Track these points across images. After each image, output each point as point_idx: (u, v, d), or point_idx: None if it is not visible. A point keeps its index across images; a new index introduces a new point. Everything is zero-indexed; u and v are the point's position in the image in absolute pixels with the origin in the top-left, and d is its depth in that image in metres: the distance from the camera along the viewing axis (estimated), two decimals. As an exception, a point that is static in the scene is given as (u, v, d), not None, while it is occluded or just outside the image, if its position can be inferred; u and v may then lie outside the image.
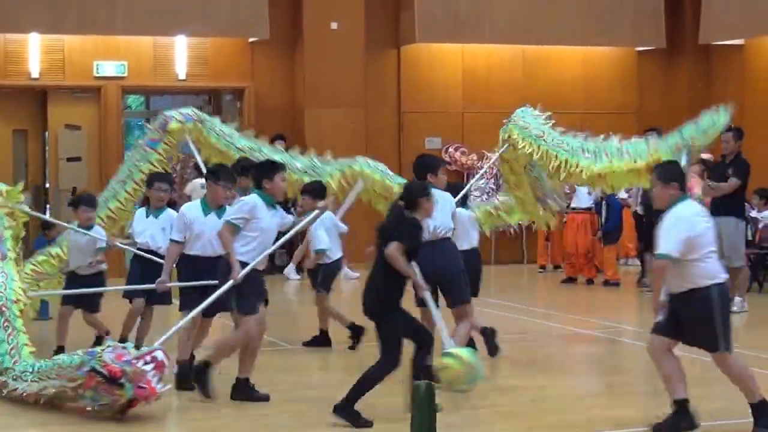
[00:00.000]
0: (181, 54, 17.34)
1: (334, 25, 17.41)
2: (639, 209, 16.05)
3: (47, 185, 17.56)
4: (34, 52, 16.72)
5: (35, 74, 16.78)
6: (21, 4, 16.07)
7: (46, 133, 17.60)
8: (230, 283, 7.92)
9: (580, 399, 8.60)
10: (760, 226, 15.53)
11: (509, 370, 9.68)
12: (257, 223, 8.03)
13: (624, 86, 19.55)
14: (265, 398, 8.12)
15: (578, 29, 18.59)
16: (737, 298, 12.95)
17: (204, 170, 10.20)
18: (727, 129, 13.07)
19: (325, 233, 10.37)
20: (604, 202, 16.05)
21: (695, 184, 12.83)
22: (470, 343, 9.17)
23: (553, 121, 11.04)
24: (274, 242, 8.30)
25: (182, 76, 17.39)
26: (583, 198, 16.22)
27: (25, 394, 7.90)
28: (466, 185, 11.11)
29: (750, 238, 14.98)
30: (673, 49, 19.42)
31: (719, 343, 7.14)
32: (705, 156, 16.91)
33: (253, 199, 8.10)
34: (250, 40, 17.53)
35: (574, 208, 16.26)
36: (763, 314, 13.10)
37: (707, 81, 19.59)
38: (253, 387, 8.15)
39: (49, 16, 16.23)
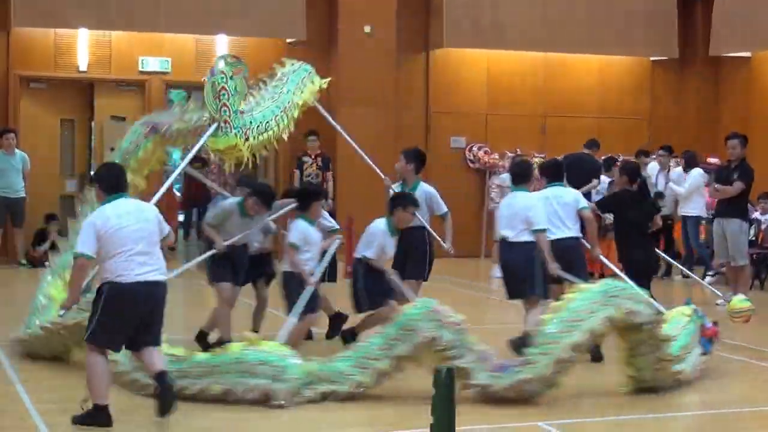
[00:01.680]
0: (221, 52, 17.36)
1: (367, 29, 17.43)
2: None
3: (92, 173, 17.64)
4: (83, 47, 16.81)
5: (83, 67, 16.87)
6: (71, 2, 16.16)
7: (92, 124, 17.66)
8: None
9: (591, 386, 8.59)
10: (763, 227, 15.49)
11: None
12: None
13: (637, 93, 19.50)
14: None
15: (596, 39, 18.57)
16: (740, 294, 12.92)
17: None
18: (734, 136, 13.07)
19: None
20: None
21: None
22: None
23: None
24: None
25: (222, 73, 17.41)
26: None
27: None
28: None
29: (753, 238, 14.95)
30: (684, 59, 19.36)
31: None
32: (713, 160, 16.92)
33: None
34: (288, 40, 17.55)
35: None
36: (765, 310, 13.03)
37: (716, 90, 19.52)
38: None
39: (97, 14, 16.31)
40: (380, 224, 9.12)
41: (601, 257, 9.95)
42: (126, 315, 6.73)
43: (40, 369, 8.56)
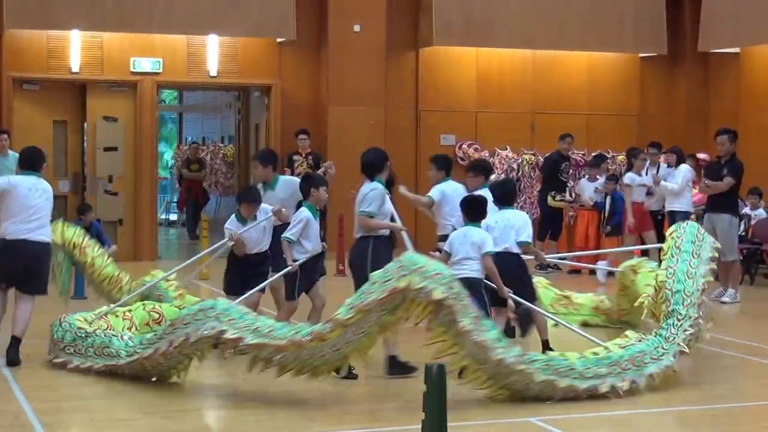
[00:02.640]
0: (212, 52, 17.35)
1: (356, 28, 17.40)
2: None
3: (85, 173, 17.60)
4: (75, 48, 16.74)
5: (75, 69, 16.81)
6: (63, 3, 16.11)
7: (85, 124, 17.60)
8: None
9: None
10: (753, 222, 15.52)
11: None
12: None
13: (627, 90, 19.50)
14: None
15: (585, 36, 18.56)
16: (730, 290, 12.97)
17: None
18: (723, 132, 13.09)
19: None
20: (608, 197, 16.02)
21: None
22: None
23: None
24: None
25: (213, 73, 17.40)
26: (592, 195, 16.21)
27: None
28: None
29: (743, 233, 14.97)
30: (673, 55, 19.36)
31: None
32: (702, 155, 16.95)
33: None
34: (278, 40, 17.53)
35: (582, 205, 16.24)
36: (755, 305, 13.09)
37: (705, 86, 19.54)
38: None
39: (90, 15, 16.25)
40: (303, 210, 9.18)
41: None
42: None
43: (35, 368, 8.54)
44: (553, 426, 6.92)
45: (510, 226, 8.99)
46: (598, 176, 16.35)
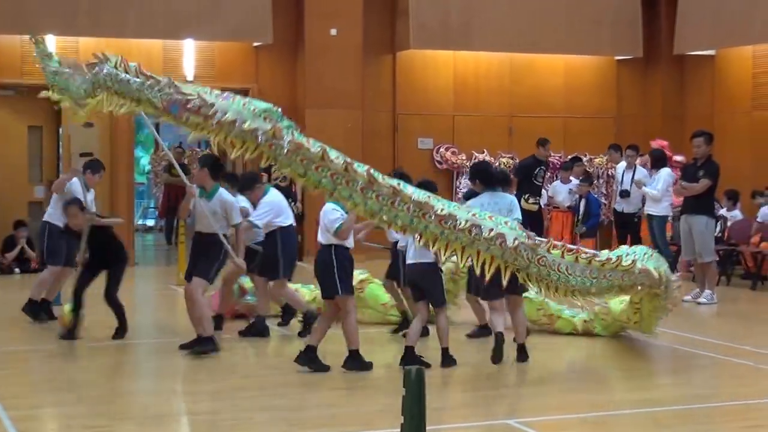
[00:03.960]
0: (189, 56, 17.33)
1: (333, 32, 17.42)
2: (617, 206, 16.15)
3: (61, 178, 17.54)
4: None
5: (51, 74, 16.74)
6: (37, 7, 16.04)
7: (60, 130, 17.55)
8: None
9: (559, 383, 8.64)
10: (729, 224, 15.61)
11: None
12: None
13: (603, 92, 19.59)
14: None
15: (561, 39, 18.63)
16: (707, 291, 13.03)
17: None
18: (699, 134, 13.17)
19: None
20: (583, 200, 16.12)
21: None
22: None
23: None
24: None
25: (190, 77, 17.37)
26: (565, 197, 16.30)
27: None
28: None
29: (719, 235, 15.05)
30: (649, 58, 19.47)
31: None
32: (678, 158, 17.04)
33: None
34: (255, 44, 17.53)
35: (556, 207, 16.31)
36: (731, 306, 13.17)
37: (681, 88, 19.65)
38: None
39: (65, 20, 16.19)
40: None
41: None
42: None
43: (12, 376, 8.50)
44: (530, 428, 6.94)
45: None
46: (571, 178, 16.44)
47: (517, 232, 8.17)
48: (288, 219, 10.35)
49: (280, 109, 8.23)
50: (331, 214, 8.70)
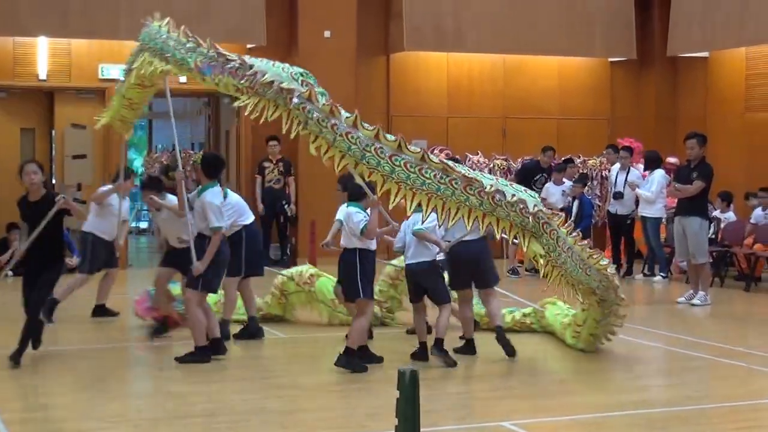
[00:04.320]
0: (182, 58, 17.29)
1: (327, 34, 17.42)
2: (610, 208, 16.18)
3: (53, 181, 17.51)
4: (42, 55, 16.67)
5: (43, 76, 16.73)
6: (29, 10, 16.03)
7: (53, 132, 17.55)
8: None
9: (554, 385, 8.65)
10: (722, 225, 15.64)
11: (488, 358, 9.73)
12: None
13: (597, 94, 19.62)
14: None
15: (555, 41, 18.66)
16: (701, 292, 13.06)
17: None
18: (692, 135, 13.20)
19: None
20: (576, 201, 16.13)
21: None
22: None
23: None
24: None
25: (183, 79, 17.31)
26: (558, 199, 16.31)
27: None
28: None
29: (713, 236, 15.09)
30: (643, 60, 19.51)
31: None
32: (671, 159, 17.08)
33: None
34: (248, 46, 17.50)
35: (549, 208, 16.29)
36: (725, 308, 13.19)
37: (674, 90, 19.69)
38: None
39: (57, 21, 16.17)
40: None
41: None
42: None
43: (5, 379, 8.48)
44: (524, 429, 6.95)
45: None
46: (564, 180, 16.47)
47: (537, 199, 8.50)
48: (250, 217, 10.31)
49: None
50: (355, 216, 8.84)
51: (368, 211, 8.95)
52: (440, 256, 9.23)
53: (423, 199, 8.21)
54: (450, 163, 8.35)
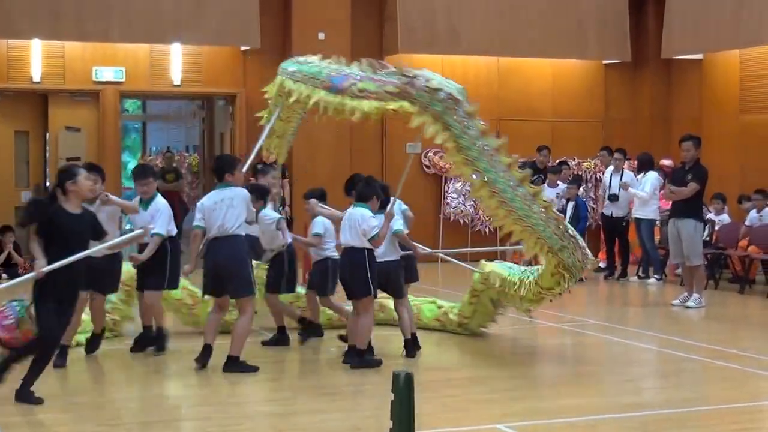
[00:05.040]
0: (176, 61, 17.32)
1: (321, 36, 17.42)
2: (605, 210, 16.20)
3: (47, 184, 17.51)
4: (36, 58, 16.66)
5: (37, 78, 16.72)
6: (23, 12, 16.01)
7: (47, 135, 17.54)
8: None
9: (548, 388, 8.67)
10: (717, 227, 15.66)
11: (483, 360, 9.75)
12: None
13: (591, 97, 19.64)
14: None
15: (549, 43, 18.67)
16: (695, 295, 13.07)
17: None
18: (688, 138, 13.22)
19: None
20: (571, 203, 16.15)
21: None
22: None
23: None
24: None
25: (177, 81, 17.38)
26: (553, 201, 16.32)
27: None
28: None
29: (707, 238, 15.11)
30: (637, 62, 19.53)
31: None
32: (666, 162, 17.10)
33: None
34: (242, 48, 17.52)
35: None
36: (719, 310, 13.20)
37: (668, 92, 19.72)
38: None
39: (50, 24, 16.15)
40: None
41: None
42: None
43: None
44: (519, 432, 6.97)
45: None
46: (558, 182, 16.49)
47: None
48: (175, 227, 9.86)
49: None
50: (370, 221, 9.03)
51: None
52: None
53: (508, 214, 8.78)
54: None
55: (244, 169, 9.51)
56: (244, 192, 9.04)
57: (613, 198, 15.97)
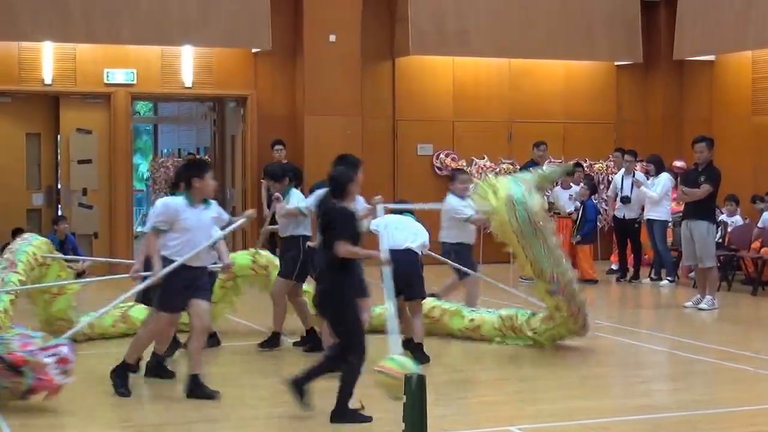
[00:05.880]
0: (187, 63, 17.33)
1: (332, 38, 17.42)
2: (617, 212, 16.16)
3: (59, 186, 17.54)
4: (47, 60, 16.68)
5: (48, 81, 16.74)
6: (34, 15, 16.04)
7: (59, 137, 17.55)
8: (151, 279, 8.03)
9: (560, 390, 8.64)
10: (730, 229, 15.62)
11: (495, 363, 9.74)
12: (181, 223, 8.01)
13: (603, 98, 19.60)
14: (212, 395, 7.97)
15: (560, 45, 18.64)
16: (708, 297, 13.03)
17: None
18: (701, 139, 13.18)
19: None
20: (580, 206, 16.13)
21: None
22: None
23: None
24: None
25: (188, 83, 17.39)
26: (566, 203, 16.31)
27: None
28: None
29: (720, 240, 15.06)
30: (649, 64, 19.49)
31: None
32: (678, 163, 17.06)
33: (173, 200, 8.19)
34: (253, 50, 17.53)
35: (557, 212, 16.29)
36: (732, 311, 13.17)
37: (680, 94, 19.67)
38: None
39: (61, 27, 16.16)
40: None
41: None
42: None
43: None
44: (531, 435, 6.96)
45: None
46: (572, 184, 16.46)
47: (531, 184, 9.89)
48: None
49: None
50: (422, 228, 9.70)
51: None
52: None
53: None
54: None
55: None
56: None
57: (625, 200, 15.93)
